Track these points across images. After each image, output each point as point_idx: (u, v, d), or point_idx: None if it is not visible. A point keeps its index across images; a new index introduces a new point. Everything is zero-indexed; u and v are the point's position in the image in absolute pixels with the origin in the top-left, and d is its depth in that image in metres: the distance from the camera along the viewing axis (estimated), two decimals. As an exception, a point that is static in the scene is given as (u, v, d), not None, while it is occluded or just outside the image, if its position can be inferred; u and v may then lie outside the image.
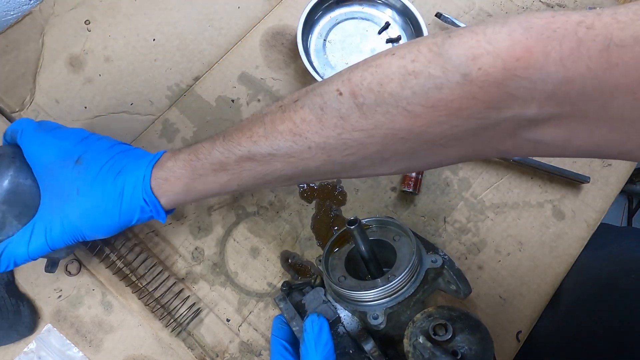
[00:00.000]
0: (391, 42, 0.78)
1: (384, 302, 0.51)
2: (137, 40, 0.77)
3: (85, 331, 0.64)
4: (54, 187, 0.50)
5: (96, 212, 0.49)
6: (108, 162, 0.51)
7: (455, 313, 0.48)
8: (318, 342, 0.50)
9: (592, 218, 0.72)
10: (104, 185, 0.50)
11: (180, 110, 0.75)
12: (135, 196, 0.50)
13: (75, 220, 0.49)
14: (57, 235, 0.50)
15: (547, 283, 0.69)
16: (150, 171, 0.50)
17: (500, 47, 0.33)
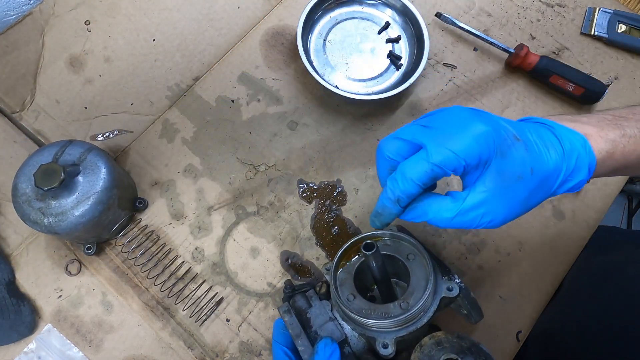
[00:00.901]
0: (391, 42, 0.79)
1: (395, 330, 0.49)
2: (137, 40, 0.77)
3: (86, 331, 0.64)
4: (500, 171, 0.42)
5: (539, 190, 0.44)
6: (539, 135, 0.44)
7: (465, 344, 0.46)
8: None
9: (592, 218, 0.72)
10: (552, 155, 0.43)
11: (180, 110, 0.75)
12: (579, 167, 0.44)
13: (521, 200, 0.43)
14: (500, 218, 0.43)
15: (547, 283, 0.69)
16: (590, 145, 0.45)
17: None
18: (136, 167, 0.71)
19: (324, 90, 0.75)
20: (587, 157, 0.45)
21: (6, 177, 0.69)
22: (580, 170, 0.44)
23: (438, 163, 0.41)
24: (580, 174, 0.44)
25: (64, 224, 0.57)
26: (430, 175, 0.42)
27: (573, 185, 0.45)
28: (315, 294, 0.57)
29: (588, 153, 0.45)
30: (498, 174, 0.42)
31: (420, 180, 0.42)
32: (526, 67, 0.77)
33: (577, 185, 0.45)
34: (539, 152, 0.43)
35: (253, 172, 0.72)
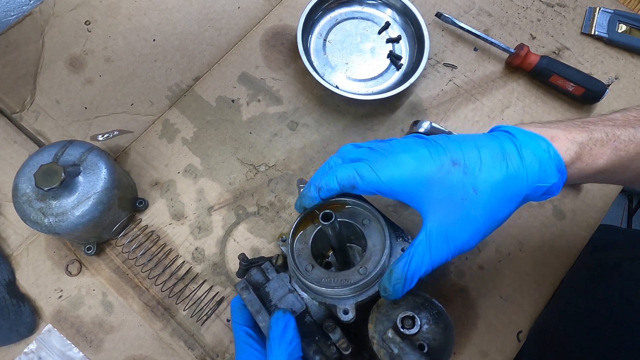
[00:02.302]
0: (391, 42, 0.78)
1: (355, 296, 0.50)
2: (137, 40, 0.77)
3: (86, 331, 0.64)
4: (440, 198, 0.45)
5: (500, 204, 0.45)
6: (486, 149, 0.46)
7: (419, 299, 0.48)
8: (282, 341, 0.48)
9: (592, 218, 0.72)
10: (504, 169, 0.44)
11: (180, 110, 0.75)
12: (546, 171, 0.45)
13: (480, 221, 0.45)
14: (465, 241, 0.45)
15: (547, 283, 0.69)
16: (554, 148, 0.45)
17: None
18: (136, 167, 0.71)
19: (324, 90, 0.75)
20: (553, 159, 0.45)
21: (6, 177, 0.69)
22: (549, 174, 0.45)
23: (360, 175, 0.47)
24: (551, 177, 0.45)
25: (64, 224, 0.57)
26: (350, 182, 0.47)
27: (548, 189, 0.45)
28: (271, 267, 0.56)
29: (553, 156, 0.45)
30: (439, 203, 0.45)
31: (342, 181, 0.48)
32: (526, 67, 0.77)
33: (553, 188, 0.46)
34: (480, 169, 0.45)
35: (253, 172, 0.72)
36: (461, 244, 0.45)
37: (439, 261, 0.46)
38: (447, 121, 0.76)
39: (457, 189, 0.45)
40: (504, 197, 0.45)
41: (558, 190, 0.46)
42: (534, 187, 0.45)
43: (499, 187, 0.45)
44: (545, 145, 0.45)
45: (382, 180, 0.46)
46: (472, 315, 0.67)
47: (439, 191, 0.45)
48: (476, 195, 0.45)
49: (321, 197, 0.51)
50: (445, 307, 0.63)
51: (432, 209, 0.46)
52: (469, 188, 0.45)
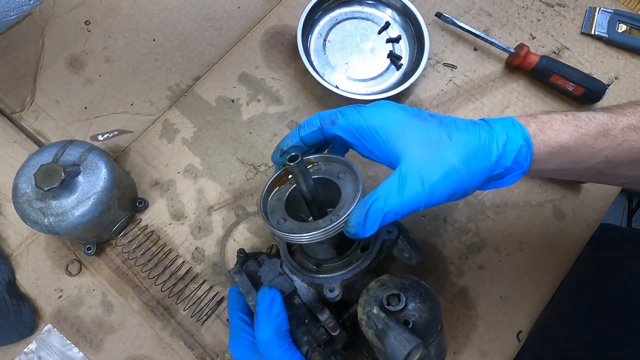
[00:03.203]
0: (391, 41, 0.78)
1: (340, 274, 0.51)
2: (137, 40, 0.77)
3: (86, 331, 0.64)
4: (416, 138, 0.47)
5: (474, 155, 0.46)
6: (460, 118, 0.49)
7: (407, 281, 0.49)
8: (269, 314, 0.49)
9: (592, 218, 0.72)
10: (476, 131, 0.47)
11: (180, 110, 0.75)
12: (513, 137, 0.47)
13: (454, 164, 0.46)
14: (438, 181, 0.45)
15: (547, 283, 0.69)
16: (518, 121, 0.48)
17: None
18: (136, 167, 0.71)
19: (324, 90, 0.75)
20: (518, 128, 0.48)
21: (6, 177, 0.69)
22: (515, 139, 0.47)
23: (342, 112, 0.49)
24: (516, 141, 0.47)
25: (64, 224, 0.57)
26: (331, 117, 0.50)
27: (516, 155, 0.47)
28: (267, 258, 0.57)
29: (517, 126, 0.48)
30: (414, 143, 0.47)
31: (323, 116, 0.50)
32: (526, 66, 0.77)
33: (520, 155, 0.47)
34: (455, 126, 0.47)
35: (253, 172, 0.72)
36: (434, 184, 0.45)
37: (410, 200, 0.45)
38: (447, 121, 0.76)
39: (433, 132, 0.47)
40: (477, 150, 0.46)
41: (527, 160, 0.48)
42: (503, 148, 0.47)
43: (472, 140, 0.47)
44: (510, 120, 0.49)
45: (362, 117, 0.48)
46: (472, 315, 0.67)
47: (416, 131, 0.47)
48: (451, 142, 0.46)
49: (300, 135, 0.51)
50: (445, 307, 0.64)
51: (408, 149, 0.46)
52: (444, 134, 0.46)
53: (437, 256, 0.70)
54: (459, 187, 0.46)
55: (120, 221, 0.65)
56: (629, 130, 0.47)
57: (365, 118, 0.48)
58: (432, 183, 0.45)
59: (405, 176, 0.45)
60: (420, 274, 0.68)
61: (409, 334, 0.44)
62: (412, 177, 0.45)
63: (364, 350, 0.56)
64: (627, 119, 0.48)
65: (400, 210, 0.45)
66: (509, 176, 0.49)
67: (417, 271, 0.68)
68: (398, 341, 0.44)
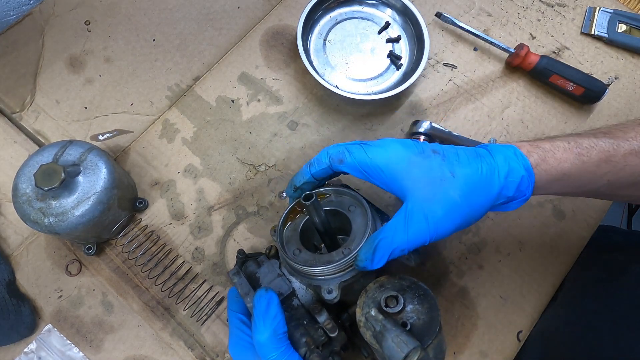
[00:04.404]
0: (391, 41, 0.78)
1: (338, 276, 0.51)
2: (137, 40, 0.77)
3: (86, 331, 0.64)
4: (420, 177, 0.49)
5: (476, 190, 0.48)
6: (463, 150, 0.51)
7: (405, 282, 0.49)
8: (266, 317, 0.49)
9: (592, 218, 0.72)
10: (478, 164, 0.49)
11: (180, 110, 0.75)
12: (515, 168, 0.48)
13: (457, 200, 0.48)
14: (442, 217, 0.47)
15: (547, 283, 0.69)
16: (520, 151, 0.50)
17: None
18: (136, 167, 0.71)
19: (324, 90, 0.75)
20: (519, 158, 0.49)
21: (6, 177, 0.69)
22: (517, 169, 0.48)
23: (349, 150, 0.51)
24: (518, 172, 0.48)
25: (64, 224, 0.57)
26: (339, 156, 0.52)
27: (518, 185, 0.49)
28: (266, 259, 0.58)
29: (519, 155, 0.49)
30: (418, 181, 0.48)
31: (332, 155, 0.52)
32: (526, 66, 0.77)
33: (522, 184, 0.49)
34: (458, 161, 0.49)
35: (253, 172, 0.72)
36: (438, 221, 0.47)
37: (415, 236, 0.47)
38: (447, 121, 0.76)
39: (435, 170, 0.48)
40: (479, 184, 0.48)
41: (529, 188, 0.49)
42: (504, 180, 0.48)
43: (475, 175, 0.48)
44: (512, 150, 0.50)
45: (368, 157, 0.50)
46: (472, 315, 0.67)
47: (419, 170, 0.49)
48: (453, 178, 0.48)
49: (311, 172, 0.54)
50: (445, 307, 0.63)
51: (412, 188, 0.48)
52: (446, 171, 0.48)
53: (437, 256, 0.69)
54: (462, 221, 0.48)
55: (120, 221, 0.65)
56: (631, 155, 0.48)
57: (371, 158, 0.50)
58: (436, 220, 0.47)
59: (410, 214, 0.47)
60: (420, 274, 0.68)
61: (407, 336, 0.44)
62: (417, 215, 0.47)
63: (363, 351, 0.56)
64: (629, 144, 0.49)
65: (406, 246, 0.48)
66: (512, 203, 0.50)
67: (417, 272, 0.68)
68: (395, 343, 0.44)
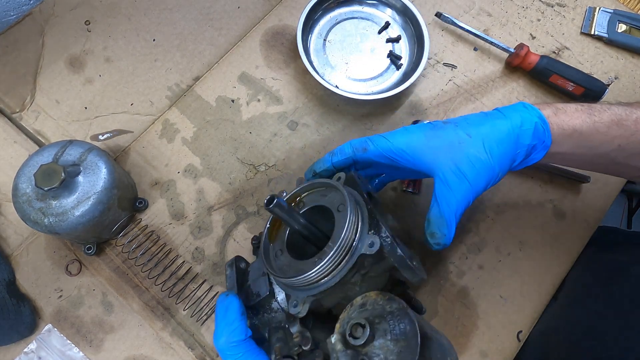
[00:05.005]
0: (391, 41, 0.78)
1: (307, 289, 0.45)
2: (137, 40, 0.77)
3: (86, 331, 0.64)
4: (439, 145, 0.50)
5: (494, 143, 0.49)
6: (471, 114, 0.53)
7: (390, 308, 0.41)
8: (224, 321, 0.48)
9: (592, 217, 0.72)
10: (490, 121, 0.51)
11: (180, 110, 0.75)
12: (527, 118, 0.50)
13: (480, 157, 0.49)
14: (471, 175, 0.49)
15: (547, 283, 0.69)
16: (530, 104, 0.51)
17: None
18: (136, 167, 0.71)
19: (324, 90, 0.75)
20: (531, 111, 0.51)
21: (6, 177, 0.69)
22: (530, 120, 0.50)
23: (372, 140, 0.53)
24: (530, 120, 0.50)
25: (64, 224, 0.57)
26: (362, 145, 0.53)
27: (533, 131, 0.50)
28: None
29: (530, 108, 0.51)
30: (439, 150, 0.50)
31: (355, 144, 0.53)
32: (526, 66, 0.77)
33: (537, 132, 0.50)
34: (469, 124, 0.51)
35: (253, 172, 0.72)
36: (474, 179, 0.49)
37: (463, 197, 0.48)
38: (447, 121, 0.76)
39: (452, 136, 0.50)
40: (496, 137, 0.50)
41: (547, 136, 0.50)
42: (519, 129, 0.50)
43: (489, 130, 0.50)
44: (521, 104, 0.52)
45: (389, 141, 0.52)
46: (472, 315, 0.67)
47: (437, 140, 0.50)
48: (470, 139, 0.50)
49: (333, 160, 0.54)
50: (446, 307, 0.63)
51: (437, 159, 0.50)
52: (462, 135, 0.50)
53: (437, 256, 0.70)
54: (491, 176, 0.50)
55: (120, 221, 0.65)
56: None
57: (392, 142, 0.52)
58: (471, 179, 0.49)
59: (446, 178, 0.49)
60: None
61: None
62: (452, 179, 0.49)
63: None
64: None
65: (459, 207, 0.49)
66: (534, 153, 0.52)
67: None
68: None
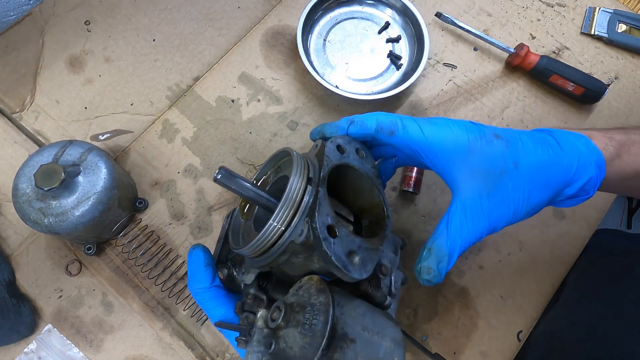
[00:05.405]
0: (391, 41, 0.78)
1: (256, 260, 0.43)
2: (137, 40, 0.77)
3: (86, 331, 0.64)
4: (479, 168, 0.43)
5: (538, 185, 0.43)
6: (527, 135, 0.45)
7: (315, 300, 0.38)
8: (190, 271, 0.48)
9: (592, 217, 0.72)
10: (545, 154, 0.43)
11: (180, 110, 0.75)
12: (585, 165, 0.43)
13: (516, 196, 0.42)
14: (499, 212, 0.42)
15: (547, 283, 0.69)
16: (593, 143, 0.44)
17: None
18: (136, 167, 0.71)
19: (324, 90, 0.75)
20: (592, 154, 0.44)
21: (6, 177, 0.69)
22: (587, 168, 0.43)
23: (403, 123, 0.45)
24: (588, 170, 0.43)
25: (64, 224, 0.57)
26: (391, 126, 0.45)
27: (584, 184, 0.44)
28: None
29: (592, 150, 0.44)
30: (476, 172, 0.42)
31: (382, 123, 0.45)
32: (526, 66, 0.77)
33: (589, 184, 0.44)
34: (524, 148, 0.43)
35: (253, 172, 0.72)
36: (497, 218, 0.42)
37: (475, 234, 0.42)
38: (447, 121, 0.76)
39: (497, 159, 0.42)
40: (543, 179, 0.43)
41: (594, 188, 0.44)
42: (571, 177, 0.43)
43: (540, 167, 0.42)
44: (583, 140, 0.45)
45: (423, 134, 0.44)
46: (472, 315, 0.67)
47: (479, 160, 0.43)
48: (516, 171, 0.42)
49: (349, 131, 0.47)
50: (446, 307, 0.63)
51: (468, 179, 0.43)
52: (509, 161, 0.42)
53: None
54: (517, 217, 0.43)
55: (120, 221, 0.65)
56: None
57: (427, 136, 0.44)
58: (494, 217, 0.42)
59: (467, 207, 0.42)
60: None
61: (256, 357, 0.37)
62: (474, 209, 0.42)
63: None
64: None
65: (467, 244, 0.43)
66: (570, 201, 0.46)
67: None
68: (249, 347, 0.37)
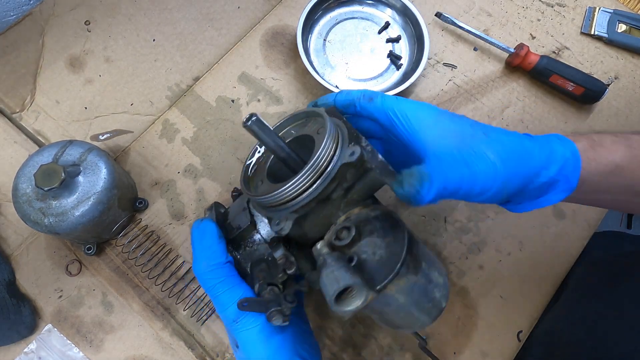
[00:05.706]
0: (391, 41, 0.79)
1: (289, 206, 0.44)
2: (137, 40, 0.77)
3: (86, 331, 0.64)
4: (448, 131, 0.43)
5: (514, 154, 0.42)
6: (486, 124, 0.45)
7: (374, 213, 0.42)
8: (200, 246, 0.47)
9: (592, 218, 0.72)
10: (515, 135, 0.44)
11: (180, 110, 0.75)
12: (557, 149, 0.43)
13: (490, 157, 0.41)
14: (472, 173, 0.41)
15: (547, 283, 0.69)
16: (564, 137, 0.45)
17: None
18: (136, 167, 0.71)
19: (324, 90, 0.75)
20: (564, 143, 0.44)
21: (6, 177, 0.69)
22: (559, 152, 0.43)
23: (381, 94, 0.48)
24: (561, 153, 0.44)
25: (64, 224, 0.57)
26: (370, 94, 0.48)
27: (561, 166, 0.43)
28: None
29: (563, 139, 0.44)
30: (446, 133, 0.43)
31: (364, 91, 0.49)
32: (526, 66, 0.77)
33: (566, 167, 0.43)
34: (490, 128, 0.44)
35: (253, 172, 0.72)
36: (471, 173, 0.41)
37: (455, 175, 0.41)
38: (447, 121, 0.76)
39: (466, 127, 0.43)
40: (516, 151, 0.42)
41: (575, 177, 0.44)
42: (546, 160, 0.43)
43: (510, 142, 0.43)
44: (555, 135, 0.45)
45: (398, 102, 0.46)
46: (472, 315, 0.67)
47: (449, 124, 0.44)
48: (487, 137, 0.43)
49: (336, 98, 0.51)
50: (445, 308, 0.63)
51: (439, 138, 0.43)
52: (478, 131, 0.43)
53: (437, 256, 0.69)
54: (491, 184, 0.42)
55: (120, 221, 0.65)
56: None
57: (401, 104, 0.46)
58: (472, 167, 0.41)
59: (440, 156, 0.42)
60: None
61: (344, 272, 0.37)
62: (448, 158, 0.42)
63: None
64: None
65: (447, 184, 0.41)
66: (553, 192, 0.45)
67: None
68: (328, 280, 0.37)
